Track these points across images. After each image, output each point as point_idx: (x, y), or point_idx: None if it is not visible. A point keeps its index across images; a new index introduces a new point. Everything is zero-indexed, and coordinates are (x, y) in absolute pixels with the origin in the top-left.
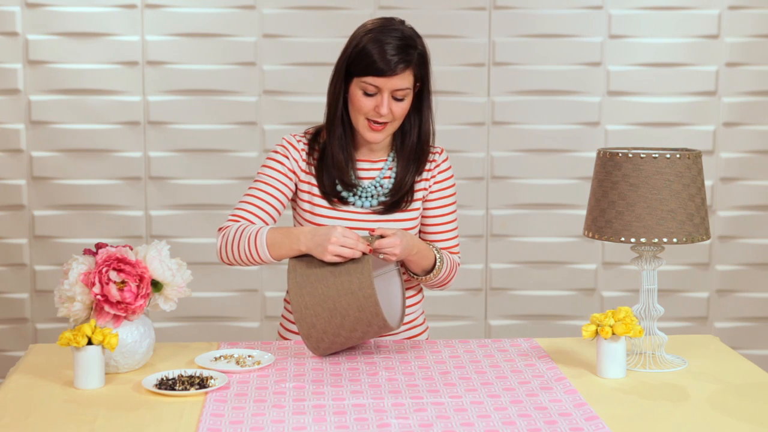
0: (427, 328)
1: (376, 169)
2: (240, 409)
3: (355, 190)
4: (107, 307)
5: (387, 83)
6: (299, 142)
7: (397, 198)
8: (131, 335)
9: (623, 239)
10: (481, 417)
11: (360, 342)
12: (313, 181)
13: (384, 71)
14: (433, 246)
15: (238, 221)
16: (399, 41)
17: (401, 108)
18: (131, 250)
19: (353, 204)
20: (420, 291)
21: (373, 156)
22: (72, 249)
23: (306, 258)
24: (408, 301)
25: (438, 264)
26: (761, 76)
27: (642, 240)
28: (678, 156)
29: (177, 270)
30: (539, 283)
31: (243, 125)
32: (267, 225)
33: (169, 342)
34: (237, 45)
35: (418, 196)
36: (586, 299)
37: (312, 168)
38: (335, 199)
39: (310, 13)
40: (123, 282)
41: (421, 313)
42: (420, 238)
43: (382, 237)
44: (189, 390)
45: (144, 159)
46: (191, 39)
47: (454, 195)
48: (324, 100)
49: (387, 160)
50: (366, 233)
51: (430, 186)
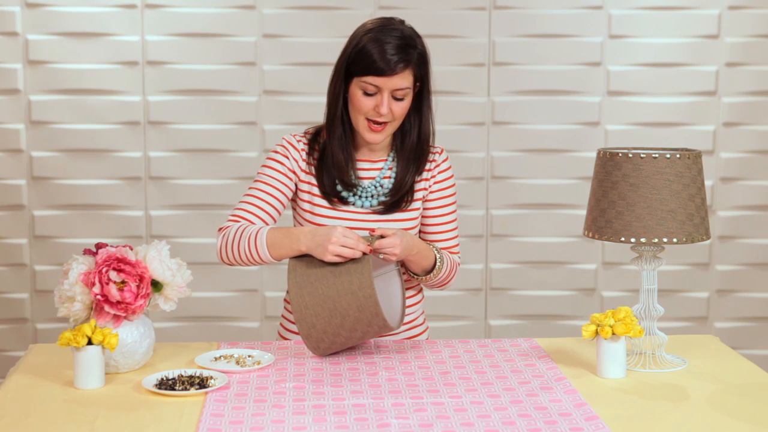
0: (427, 328)
1: (376, 169)
2: (240, 409)
3: (355, 190)
4: (107, 307)
5: (387, 83)
6: (299, 142)
7: (397, 198)
8: (131, 335)
9: (623, 239)
10: (481, 417)
11: (360, 342)
12: (313, 181)
13: (384, 71)
14: (433, 246)
15: (238, 221)
16: (399, 41)
17: (401, 108)
18: (131, 250)
19: (353, 204)
20: (420, 291)
21: (373, 156)
22: (72, 249)
23: (306, 258)
24: (408, 301)
25: (438, 264)
26: (761, 76)
27: (642, 240)
28: (678, 156)
29: (177, 270)
30: (539, 283)
31: (243, 125)
32: (267, 225)
33: (169, 342)
34: (237, 45)
35: (418, 196)
36: (586, 299)
37: (312, 168)
38: (335, 199)
39: (310, 13)
40: (123, 282)
41: (421, 313)
42: (420, 238)
43: (382, 237)
44: (189, 390)
45: (144, 159)
46: (191, 39)
47: (454, 195)
48: (324, 100)
49: (387, 160)
50: (366, 233)
51: (430, 186)
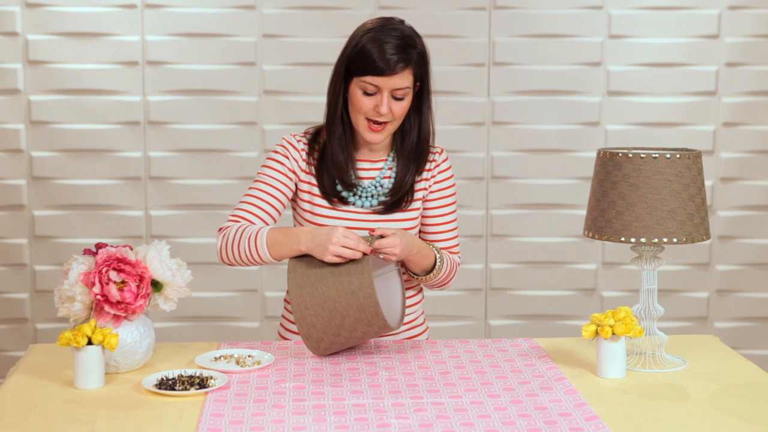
0: (427, 328)
1: (376, 169)
2: (240, 409)
3: (355, 189)
4: (107, 307)
5: (386, 82)
6: (299, 142)
7: (397, 198)
8: (131, 335)
9: (623, 239)
10: (481, 417)
11: (360, 342)
12: (313, 181)
13: (383, 70)
14: (433, 246)
15: (238, 221)
16: (398, 40)
17: (401, 107)
18: (131, 250)
19: (353, 204)
20: (420, 291)
21: (373, 156)
22: (72, 249)
23: (306, 258)
24: (408, 301)
25: (438, 264)
26: (761, 76)
27: (642, 240)
28: (678, 156)
29: (177, 270)
30: (539, 283)
31: (243, 125)
32: (267, 225)
33: (169, 342)
34: (237, 45)
35: (418, 195)
36: (586, 299)
37: (312, 168)
38: (335, 199)
39: (310, 13)
40: (123, 282)
41: (422, 313)
42: (420, 238)
43: (382, 237)
44: (189, 390)
45: (144, 159)
46: (191, 39)
47: (454, 195)
48: (324, 100)
49: (387, 159)
50: (366, 233)
51: (430, 186)
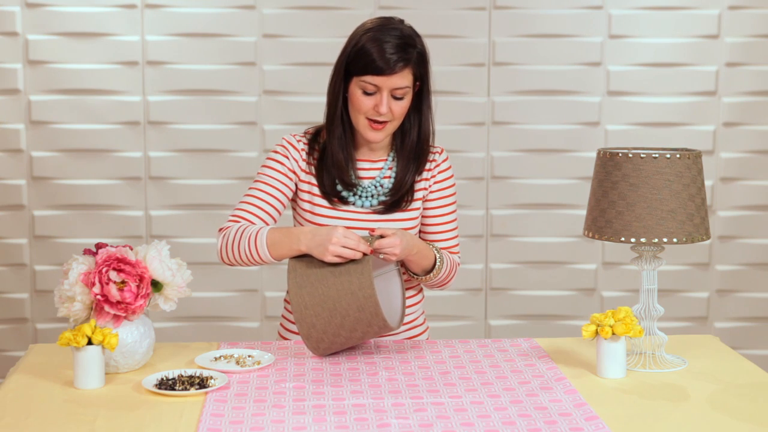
0: (428, 328)
1: (376, 169)
2: (240, 409)
3: (355, 189)
4: (107, 307)
5: (386, 82)
6: (299, 142)
7: (397, 198)
8: (131, 335)
9: (623, 239)
10: (481, 417)
11: (360, 342)
12: (313, 181)
13: (383, 70)
14: (433, 246)
15: (238, 222)
16: (398, 40)
17: (401, 107)
18: (131, 250)
19: (353, 204)
20: (420, 291)
21: (373, 156)
22: (72, 249)
23: (306, 258)
24: (408, 301)
25: (438, 264)
26: (761, 76)
27: (642, 240)
28: (678, 156)
29: (177, 270)
30: (539, 283)
31: (243, 125)
32: (267, 225)
33: (169, 342)
34: (237, 45)
35: (418, 195)
36: (586, 299)
37: (312, 168)
38: (335, 199)
39: (310, 13)
40: (123, 282)
41: (422, 313)
42: (420, 237)
43: (382, 237)
44: (189, 390)
45: (144, 159)
46: (191, 39)
47: (454, 195)
48: (324, 99)
49: (387, 159)
50: (366, 233)
51: (430, 186)
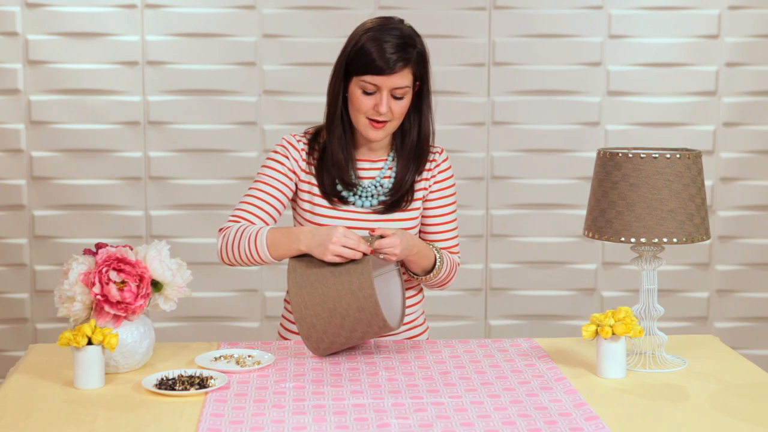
0: (428, 328)
1: (376, 169)
2: (240, 409)
3: (355, 189)
4: (107, 307)
5: (386, 81)
6: (299, 142)
7: (397, 197)
8: (131, 335)
9: (623, 239)
10: (481, 417)
11: (360, 342)
12: (314, 181)
13: (383, 69)
14: (433, 246)
15: (238, 222)
16: (398, 39)
17: (400, 106)
18: (131, 250)
19: (353, 204)
20: (420, 291)
21: (373, 156)
22: (72, 249)
23: (306, 258)
24: (408, 301)
25: (438, 264)
26: (761, 76)
27: (642, 240)
28: (678, 156)
29: (177, 270)
30: (539, 283)
31: (243, 125)
32: (267, 225)
33: (169, 342)
34: (237, 45)
35: (418, 195)
36: (586, 299)
37: (312, 168)
38: (335, 199)
39: (310, 13)
40: (123, 282)
41: (422, 313)
42: (420, 237)
43: (382, 237)
44: (189, 390)
45: (144, 159)
46: (191, 39)
47: (454, 195)
48: (324, 99)
49: (387, 159)
50: (366, 233)
51: (430, 186)
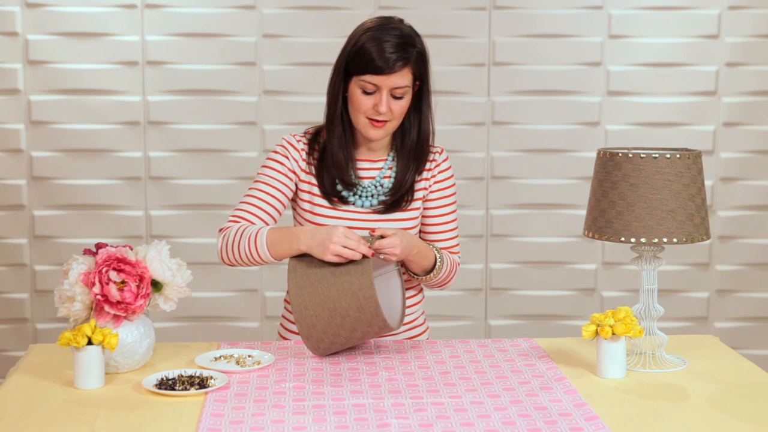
0: (428, 328)
1: (376, 169)
2: (240, 409)
3: (355, 189)
4: (107, 307)
5: (385, 81)
6: (299, 142)
7: (397, 197)
8: (131, 335)
9: (623, 239)
10: (481, 417)
11: (360, 342)
12: (314, 181)
13: (382, 69)
14: (434, 246)
15: (238, 222)
16: (398, 39)
17: (400, 106)
18: (131, 250)
19: (353, 203)
20: (420, 291)
21: (373, 155)
22: (72, 249)
23: (306, 258)
24: (408, 302)
25: (438, 264)
26: (761, 76)
27: (642, 240)
28: (678, 156)
29: (177, 270)
30: (539, 283)
31: (243, 125)
32: (267, 225)
33: (169, 342)
34: (237, 45)
35: (418, 195)
36: (586, 299)
37: (312, 168)
38: (335, 199)
39: (310, 13)
40: (123, 282)
41: (422, 313)
42: (420, 237)
43: (382, 237)
44: (189, 390)
45: (144, 159)
46: (191, 39)
47: (454, 195)
48: (324, 99)
49: (387, 159)
50: (366, 233)
51: (430, 186)
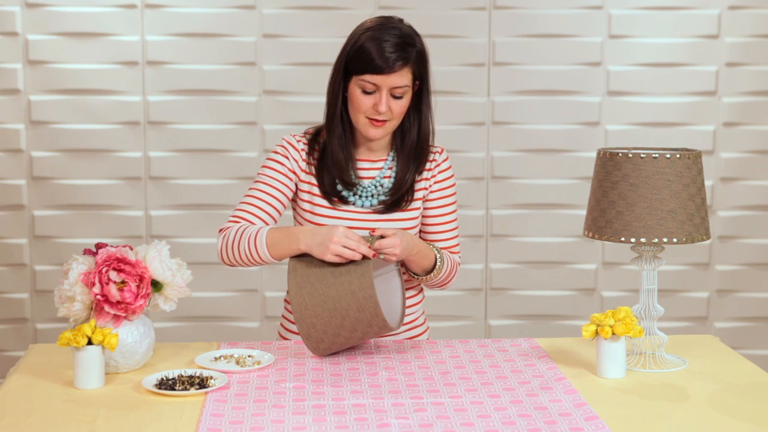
0: (428, 328)
1: (376, 169)
2: (240, 409)
3: (355, 189)
4: (107, 307)
5: (385, 81)
6: (299, 142)
7: (397, 197)
8: (131, 335)
9: (623, 239)
10: (481, 417)
11: (360, 342)
12: (314, 181)
13: (382, 68)
14: (434, 246)
15: (238, 222)
16: (397, 39)
17: (400, 106)
18: (131, 250)
19: (353, 203)
20: (420, 291)
21: (373, 155)
22: (72, 249)
23: (306, 258)
24: (408, 302)
25: (438, 264)
26: (761, 76)
27: (642, 240)
28: (678, 156)
29: (177, 270)
30: (539, 283)
31: (243, 125)
32: (267, 225)
33: (169, 342)
34: (237, 45)
35: (418, 195)
36: (586, 299)
37: (312, 168)
38: (335, 199)
39: (310, 13)
40: (123, 282)
41: (422, 313)
42: (420, 237)
43: (382, 237)
44: (189, 390)
45: (144, 159)
46: (191, 39)
47: (454, 195)
48: (324, 99)
49: (387, 159)
50: (366, 233)
51: (430, 185)
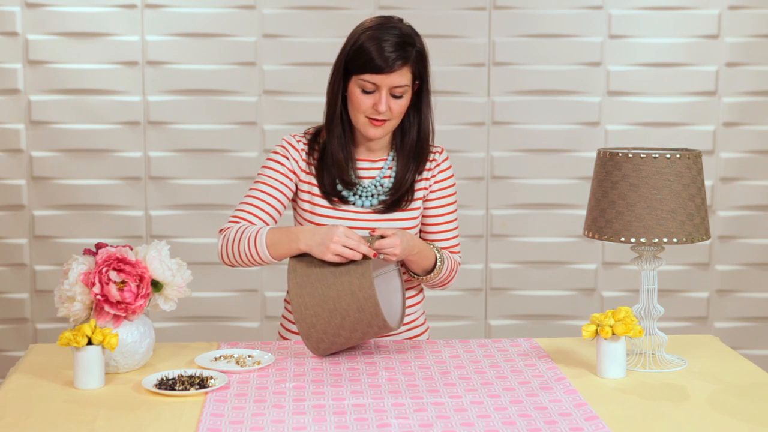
0: (428, 328)
1: (376, 169)
2: (240, 409)
3: (355, 189)
4: (107, 307)
5: (385, 80)
6: (299, 142)
7: (397, 197)
8: (131, 335)
9: (623, 239)
10: (481, 417)
11: (360, 342)
12: (314, 181)
13: (382, 68)
14: (434, 246)
15: (238, 222)
16: (397, 38)
17: (400, 105)
18: (131, 250)
19: (353, 203)
20: (420, 291)
21: (373, 155)
22: (72, 249)
23: (306, 258)
24: (408, 302)
25: (438, 264)
26: (761, 76)
27: (642, 240)
28: (678, 156)
29: (177, 270)
30: (539, 283)
31: (243, 125)
32: (267, 225)
33: (169, 342)
34: (237, 45)
35: (418, 195)
36: (586, 299)
37: (312, 168)
38: (335, 199)
39: (310, 13)
40: (123, 282)
41: (422, 313)
42: (420, 237)
43: (382, 237)
44: (189, 390)
45: (144, 159)
46: (191, 39)
47: (454, 195)
48: (324, 99)
49: (387, 159)
50: (366, 233)
51: (430, 185)
